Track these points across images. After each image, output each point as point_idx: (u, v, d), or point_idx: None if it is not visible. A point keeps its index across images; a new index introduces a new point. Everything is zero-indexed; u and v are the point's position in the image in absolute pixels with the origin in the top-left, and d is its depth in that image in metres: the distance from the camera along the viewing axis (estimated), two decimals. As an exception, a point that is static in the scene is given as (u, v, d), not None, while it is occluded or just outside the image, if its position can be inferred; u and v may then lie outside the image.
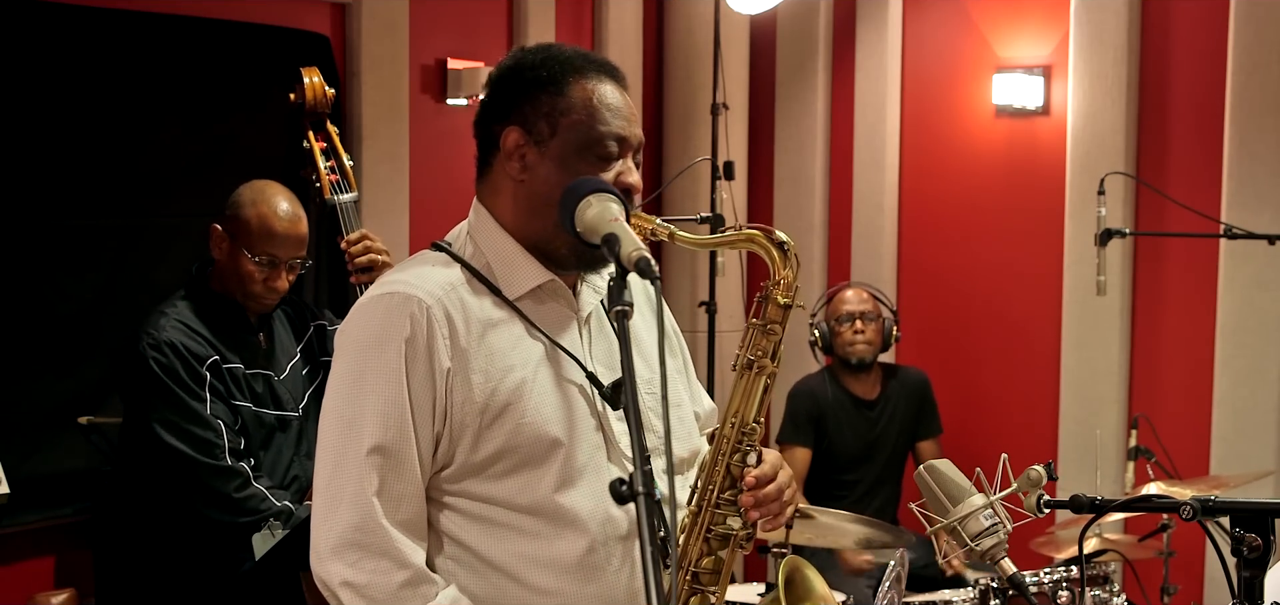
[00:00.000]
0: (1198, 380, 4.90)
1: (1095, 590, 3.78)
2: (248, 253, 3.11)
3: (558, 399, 2.00)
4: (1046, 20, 5.26)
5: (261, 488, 3.05)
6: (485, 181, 2.10)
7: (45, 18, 3.96)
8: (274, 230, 3.13)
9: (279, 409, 3.18)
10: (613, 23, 5.47)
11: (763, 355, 2.07)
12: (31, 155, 3.96)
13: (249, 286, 3.13)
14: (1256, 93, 4.65)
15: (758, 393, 2.07)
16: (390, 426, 1.93)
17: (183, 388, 3.00)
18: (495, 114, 2.06)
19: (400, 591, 1.93)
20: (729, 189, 5.29)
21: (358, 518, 1.93)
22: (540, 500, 1.98)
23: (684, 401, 2.23)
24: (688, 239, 2.10)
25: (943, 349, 5.55)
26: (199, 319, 3.10)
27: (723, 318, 5.38)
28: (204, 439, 3.00)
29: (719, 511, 2.06)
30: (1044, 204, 5.25)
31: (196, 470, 3.00)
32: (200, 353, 3.04)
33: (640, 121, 2.09)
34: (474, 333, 1.97)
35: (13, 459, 3.69)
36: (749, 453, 2.06)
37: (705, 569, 2.07)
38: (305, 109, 3.33)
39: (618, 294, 1.72)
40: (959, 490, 2.08)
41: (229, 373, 3.08)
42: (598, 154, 2.00)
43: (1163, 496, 3.61)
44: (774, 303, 2.07)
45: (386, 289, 2.00)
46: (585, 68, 2.04)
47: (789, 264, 2.07)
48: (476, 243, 2.07)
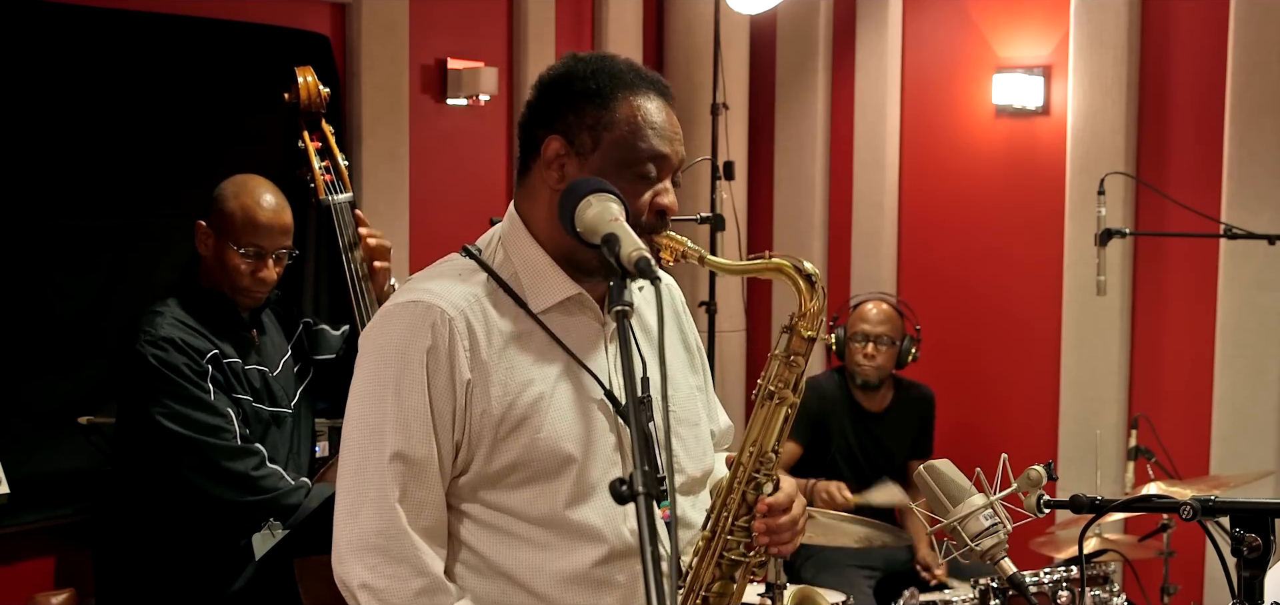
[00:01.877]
0: (1198, 380, 4.90)
1: (1095, 590, 3.78)
2: (234, 245, 3.11)
3: (575, 415, 2.00)
4: (1046, 20, 5.27)
5: (277, 468, 3.06)
6: (523, 186, 2.08)
7: (45, 18, 3.96)
8: (258, 221, 3.13)
9: (274, 405, 3.18)
10: (613, 23, 5.47)
11: (784, 387, 2.06)
12: (31, 155, 3.96)
13: (237, 280, 3.13)
14: (1256, 93, 4.64)
15: (778, 423, 2.06)
16: (413, 435, 1.94)
17: (186, 380, 2.99)
18: (540, 119, 2.05)
19: (416, 599, 1.94)
20: (729, 189, 5.29)
21: (381, 523, 1.94)
22: (551, 513, 1.98)
23: (701, 420, 2.22)
24: (717, 264, 2.10)
25: (943, 349, 5.55)
26: (194, 316, 3.10)
27: (723, 318, 5.38)
28: (212, 424, 3.00)
29: (732, 538, 2.06)
30: (1044, 204, 5.25)
31: (208, 452, 2.99)
32: (200, 347, 3.03)
33: (683, 139, 2.07)
34: (495, 346, 1.97)
35: (13, 459, 3.69)
36: (765, 483, 2.06)
37: (716, 593, 2.07)
38: (300, 108, 3.32)
39: (618, 294, 1.72)
40: (959, 490, 2.08)
41: (229, 367, 3.08)
42: (636, 173, 1.99)
43: (1163, 496, 3.60)
44: (799, 335, 2.06)
45: (411, 296, 2.00)
46: (636, 83, 2.02)
47: (816, 296, 2.06)
48: (507, 251, 2.06)
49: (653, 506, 1.56)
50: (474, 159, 5.15)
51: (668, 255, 2.04)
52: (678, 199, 2.06)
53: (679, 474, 2.12)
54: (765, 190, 5.99)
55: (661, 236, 2.03)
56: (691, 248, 2.05)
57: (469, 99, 5.01)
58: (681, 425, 2.14)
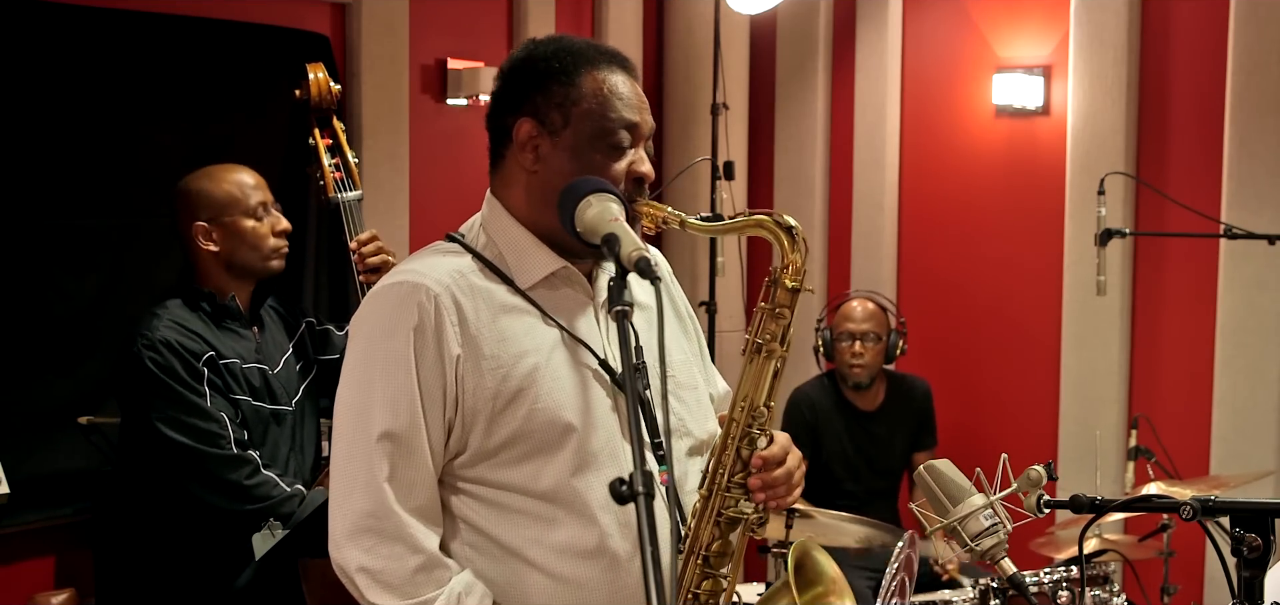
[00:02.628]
0: (1198, 380, 4.90)
1: (1095, 590, 3.78)
2: (244, 217, 3.13)
3: (572, 384, 2.01)
4: (1046, 20, 5.27)
5: (272, 475, 3.05)
6: (498, 173, 2.11)
7: (45, 18, 3.96)
8: (246, 181, 3.16)
9: (274, 403, 3.17)
10: (613, 22, 5.47)
11: (772, 339, 2.07)
12: (31, 155, 3.95)
13: (263, 244, 3.14)
14: (1256, 93, 4.65)
15: (767, 377, 2.07)
16: (400, 414, 1.95)
17: (181, 384, 2.99)
18: (507, 105, 2.07)
19: (414, 576, 1.95)
20: (729, 189, 5.29)
21: (371, 504, 1.95)
22: (556, 485, 1.99)
23: (699, 384, 2.23)
24: (698, 226, 2.10)
25: (943, 349, 5.55)
26: (193, 316, 3.09)
27: (722, 317, 5.38)
28: (207, 431, 2.99)
29: (729, 495, 2.06)
30: (1044, 204, 5.25)
31: (204, 461, 2.99)
32: (196, 349, 3.03)
33: (650, 110, 2.10)
34: (484, 319, 1.99)
35: (13, 459, 3.69)
36: (759, 437, 2.06)
37: (715, 552, 2.07)
38: (311, 105, 3.34)
39: (618, 294, 1.72)
40: (959, 490, 2.08)
41: (226, 367, 3.07)
42: (610, 143, 2.02)
43: (1163, 496, 3.60)
44: (783, 286, 2.08)
45: (396, 278, 2.02)
46: (596, 58, 2.06)
47: (797, 248, 2.08)
48: (489, 233, 2.08)
49: (653, 507, 1.56)
50: (474, 159, 5.10)
51: (649, 224, 2.06)
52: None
53: (686, 437, 2.14)
54: (765, 190, 5.99)
55: (641, 204, 2.04)
56: (671, 213, 2.06)
57: (469, 99, 5.01)
58: (682, 389, 2.16)
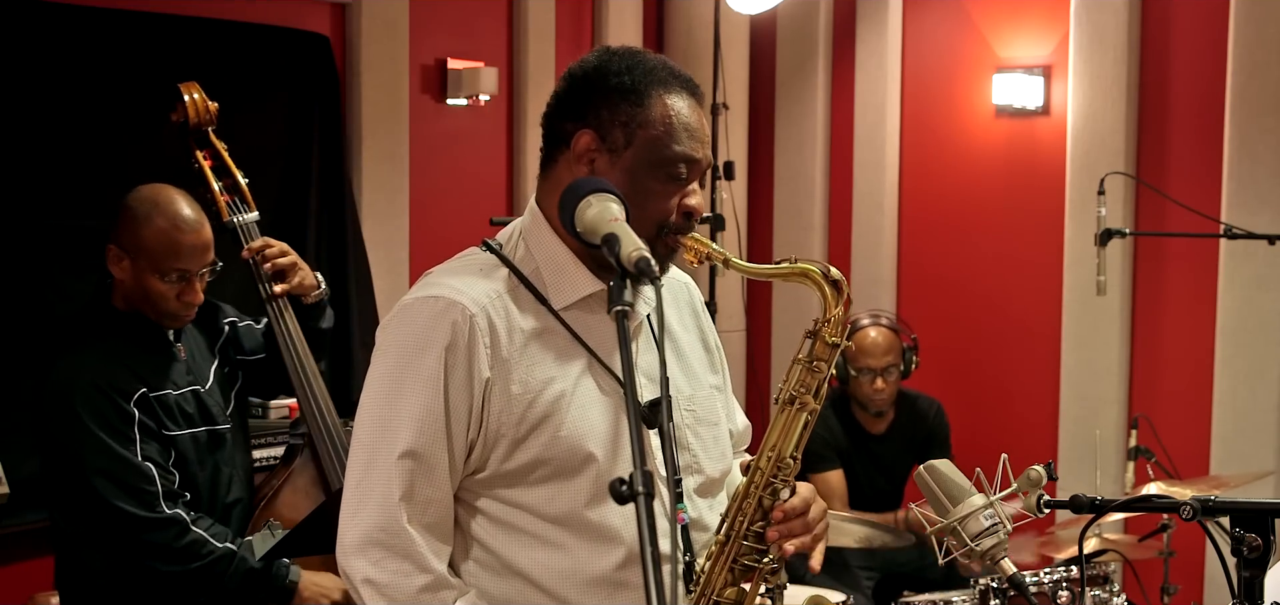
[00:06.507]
0: (1198, 380, 4.90)
1: (1095, 590, 3.78)
2: (156, 274, 2.86)
3: (598, 412, 1.98)
4: (1046, 20, 5.27)
5: (201, 532, 2.85)
6: (547, 178, 2.05)
7: (45, 18, 3.96)
8: (181, 243, 2.87)
9: (211, 424, 3.00)
10: (613, 23, 5.47)
11: (805, 392, 2.04)
12: (32, 155, 3.95)
13: (163, 306, 2.89)
14: (1256, 93, 4.65)
15: (797, 429, 2.04)
16: (424, 433, 1.93)
17: (112, 433, 2.79)
18: (569, 111, 2.01)
19: (419, 594, 1.93)
20: (729, 189, 5.30)
21: (383, 519, 1.93)
22: (570, 512, 1.97)
23: (720, 420, 2.19)
24: (742, 268, 2.08)
25: (943, 349, 5.55)
26: (117, 344, 2.89)
27: (723, 318, 5.38)
28: (138, 489, 2.80)
29: (747, 544, 2.03)
30: (1044, 204, 5.25)
31: (137, 526, 2.80)
32: (126, 387, 2.83)
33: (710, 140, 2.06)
34: (516, 343, 1.96)
35: (13, 459, 3.69)
36: (782, 488, 2.03)
37: (727, 599, 2.04)
38: (189, 126, 3.14)
39: (618, 294, 1.70)
40: (959, 490, 2.08)
41: (158, 401, 2.88)
42: (669, 173, 1.98)
43: (1163, 496, 3.60)
44: (823, 341, 2.04)
45: (432, 291, 1.97)
46: (670, 81, 2.00)
47: (841, 302, 2.04)
48: (529, 246, 2.03)
49: (653, 507, 1.55)
50: (474, 159, 5.15)
51: (692, 256, 2.03)
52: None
53: (697, 475, 2.10)
54: (765, 190, 5.99)
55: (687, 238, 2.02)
56: (717, 250, 2.03)
57: (469, 99, 5.01)
58: (701, 425, 2.12)
